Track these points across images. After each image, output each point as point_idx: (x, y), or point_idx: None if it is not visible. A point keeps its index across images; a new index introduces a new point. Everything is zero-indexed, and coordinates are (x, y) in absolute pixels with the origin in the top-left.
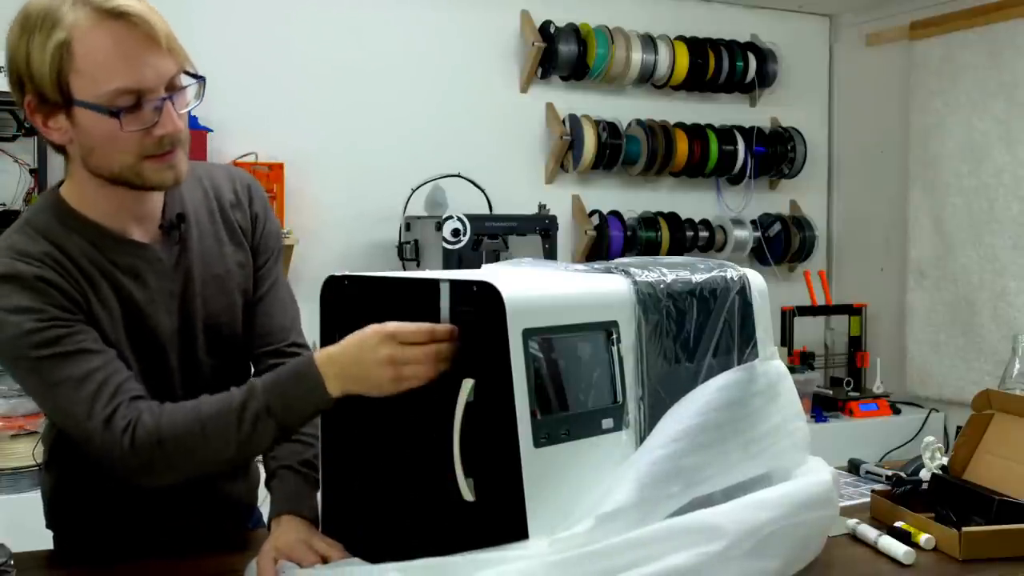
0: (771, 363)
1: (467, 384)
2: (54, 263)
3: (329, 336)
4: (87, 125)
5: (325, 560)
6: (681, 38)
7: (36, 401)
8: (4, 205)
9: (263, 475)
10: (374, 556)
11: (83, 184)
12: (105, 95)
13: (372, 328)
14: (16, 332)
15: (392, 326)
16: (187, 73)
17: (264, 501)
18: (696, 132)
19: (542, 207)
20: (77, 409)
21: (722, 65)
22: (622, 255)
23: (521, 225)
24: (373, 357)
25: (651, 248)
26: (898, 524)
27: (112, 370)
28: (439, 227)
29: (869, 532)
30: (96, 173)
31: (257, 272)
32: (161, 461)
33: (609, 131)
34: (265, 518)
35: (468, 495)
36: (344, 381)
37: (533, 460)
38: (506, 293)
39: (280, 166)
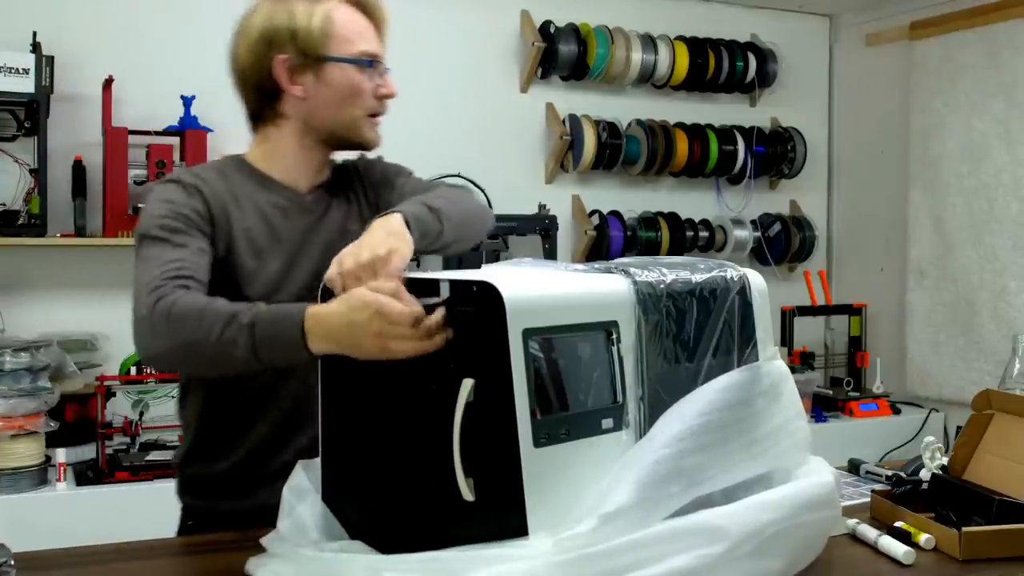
0: (773, 363)
1: (467, 384)
2: (212, 186)
3: None
4: (334, 78)
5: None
6: (681, 38)
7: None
8: (4, 205)
9: None
10: (378, 548)
11: (275, 145)
12: (355, 54)
13: (362, 298)
14: (155, 213)
15: (381, 304)
16: None
17: None
18: (696, 132)
19: (542, 207)
20: (145, 279)
21: (722, 65)
22: (622, 255)
23: (521, 225)
24: (363, 330)
25: (651, 248)
26: (898, 524)
27: (193, 267)
28: None
29: (869, 532)
30: (318, 126)
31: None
32: (160, 328)
33: (609, 131)
34: None
35: (468, 495)
36: (330, 343)
37: (533, 460)
38: (506, 293)
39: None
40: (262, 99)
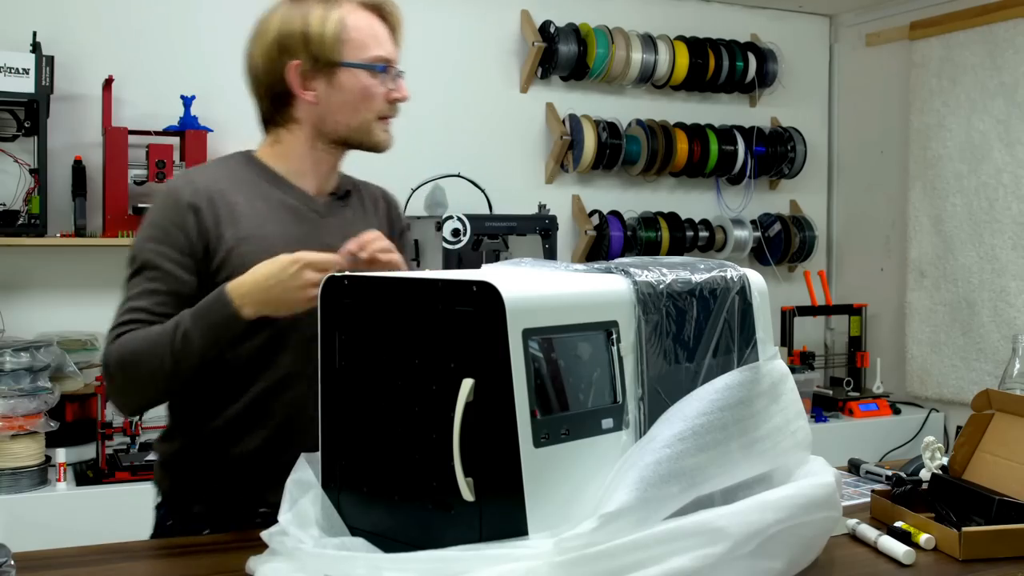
0: (774, 363)
1: (467, 384)
2: (211, 196)
3: (329, 336)
4: (347, 83)
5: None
6: (681, 38)
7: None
8: (4, 205)
9: None
10: (379, 546)
11: (286, 147)
12: (368, 59)
13: (287, 258)
14: (144, 236)
15: (308, 255)
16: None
17: None
18: (696, 132)
19: (542, 207)
20: (115, 316)
21: (722, 65)
22: (622, 255)
23: (521, 225)
24: (294, 283)
25: (651, 248)
26: (898, 524)
27: (153, 303)
28: (439, 227)
29: (869, 532)
30: (330, 130)
31: None
32: (120, 378)
33: (609, 131)
34: None
35: (468, 495)
36: (261, 306)
37: (533, 460)
38: (506, 293)
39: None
40: (275, 103)
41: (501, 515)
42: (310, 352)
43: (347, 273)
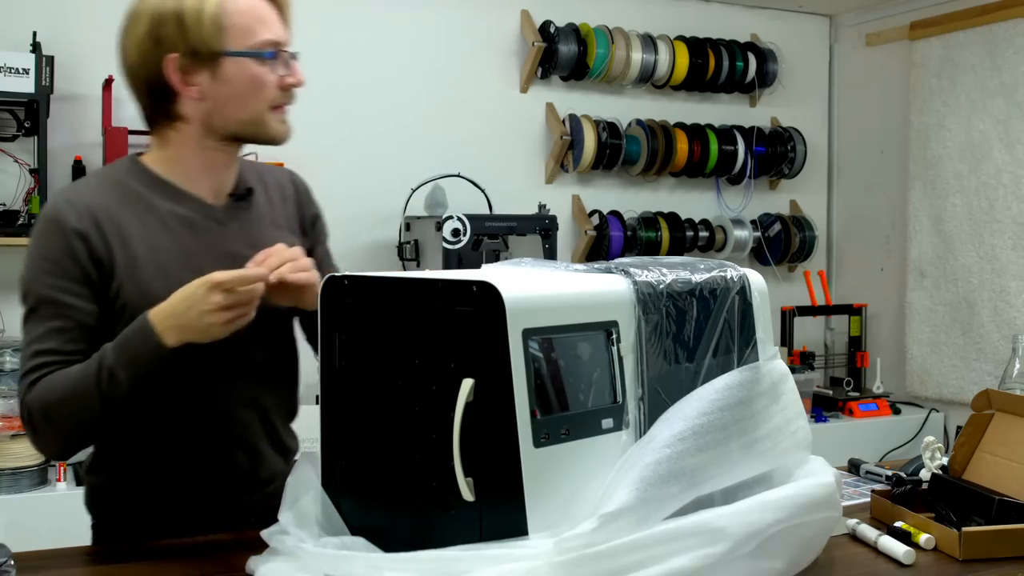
0: (774, 363)
1: (466, 384)
2: (96, 218)
3: (329, 336)
4: (233, 74)
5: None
6: (681, 38)
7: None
8: (4, 205)
9: None
10: (379, 546)
11: (176, 149)
12: (255, 45)
13: (197, 281)
14: (34, 271)
15: (217, 276)
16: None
17: None
18: (696, 132)
19: (542, 207)
20: (22, 360)
21: (722, 65)
22: (622, 255)
23: (521, 225)
24: (202, 305)
25: (651, 248)
26: (898, 524)
27: (61, 340)
28: (439, 227)
29: (869, 532)
30: (220, 126)
31: (309, 256)
32: (44, 427)
33: (609, 131)
34: None
35: (468, 495)
36: (180, 332)
37: (533, 460)
38: (506, 293)
39: (280, 166)
40: (155, 100)
41: (501, 515)
42: (233, 373)
43: (347, 273)
